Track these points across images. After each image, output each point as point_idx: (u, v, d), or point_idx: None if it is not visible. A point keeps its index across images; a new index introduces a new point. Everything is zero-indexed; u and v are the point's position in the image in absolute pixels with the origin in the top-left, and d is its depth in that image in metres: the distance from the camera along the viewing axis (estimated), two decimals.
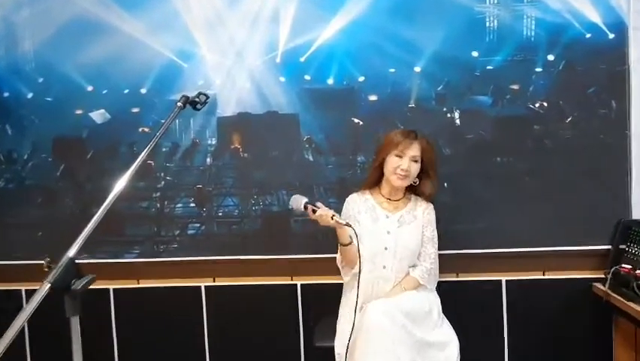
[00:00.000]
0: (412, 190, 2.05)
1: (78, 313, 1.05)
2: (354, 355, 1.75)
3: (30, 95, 2.49)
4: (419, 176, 1.98)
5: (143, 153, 1.35)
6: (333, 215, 1.80)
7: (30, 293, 2.50)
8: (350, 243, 1.86)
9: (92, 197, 2.50)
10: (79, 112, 2.48)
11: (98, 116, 2.48)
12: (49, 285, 0.99)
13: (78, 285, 1.02)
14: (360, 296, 1.84)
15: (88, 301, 2.64)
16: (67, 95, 2.46)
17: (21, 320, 0.97)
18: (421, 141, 1.95)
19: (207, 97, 1.51)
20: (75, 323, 1.04)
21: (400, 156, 1.91)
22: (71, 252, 1.08)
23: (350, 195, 2.06)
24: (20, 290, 2.55)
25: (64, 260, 1.03)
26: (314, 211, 1.81)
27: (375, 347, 1.69)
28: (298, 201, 1.85)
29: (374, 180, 2.00)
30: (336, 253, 2.04)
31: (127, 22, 2.40)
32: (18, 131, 2.52)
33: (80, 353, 1.06)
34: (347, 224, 1.80)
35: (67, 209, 2.52)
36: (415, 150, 1.92)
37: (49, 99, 2.48)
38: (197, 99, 1.46)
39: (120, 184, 1.25)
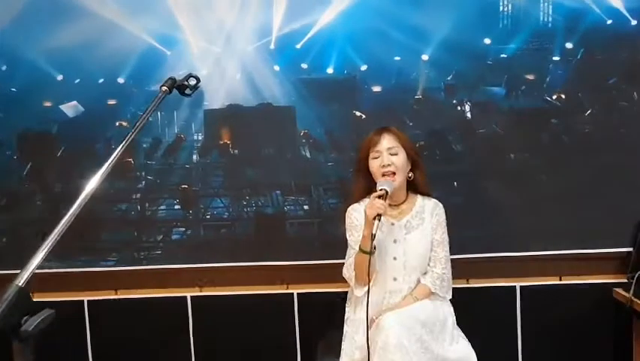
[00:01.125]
0: (414, 189, 1.93)
1: (30, 360, 0.81)
2: None
3: None
4: (412, 170, 1.88)
5: (119, 148, 1.14)
6: (380, 215, 1.69)
7: None
8: (372, 253, 1.72)
9: (62, 200, 2.35)
10: (48, 104, 2.34)
11: (70, 108, 2.34)
12: None
13: (31, 324, 0.78)
14: (369, 311, 1.71)
15: (59, 314, 2.54)
16: (34, 85, 2.32)
17: None
18: (391, 132, 1.86)
19: (198, 80, 1.34)
20: None
21: (378, 156, 1.82)
22: (21, 279, 0.84)
23: (351, 206, 1.92)
24: None
25: (11, 292, 0.79)
26: (380, 197, 1.72)
27: None
28: (387, 186, 1.77)
29: (361, 189, 1.89)
30: (336, 259, 1.95)
31: (102, 3, 2.26)
32: None
33: None
34: (372, 235, 1.69)
35: (35, 213, 2.39)
36: (388, 142, 1.83)
37: (13, 90, 2.33)
38: (186, 83, 1.27)
39: (91, 185, 1.04)
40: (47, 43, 2.27)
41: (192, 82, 1.28)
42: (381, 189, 1.72)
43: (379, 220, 1.66)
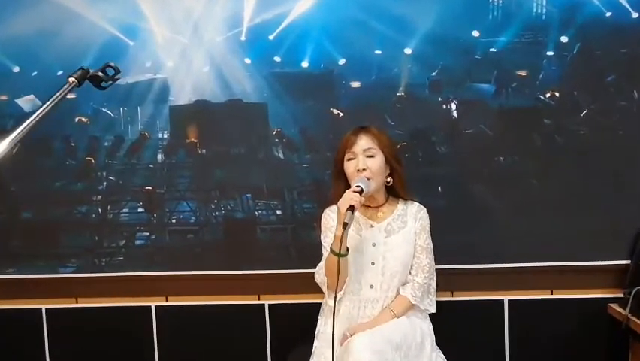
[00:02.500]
0: (393, 194, 1.90)
1: None
2: None
3: None
4: (390, 175, 1.84)
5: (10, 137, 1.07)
6: (353, 209, 1.64)
7: None
8: (345, 255, 1.66)
9: (19, 200, 2.33)
10: (2, 98, 2.29)
11: (26, 102, 2.28)
12: None
13: None
14: (342, 322, 1.71)
15: (15, 323, 2.38)
16: None
17: None
18: (370, 132, 1.82)
19: (117, 71, 1.22)
20: None
21: (353, 158, 1.79)
22: None
23: (328, 208, 1.89)
24: None
25: None
26: (357, 192, 1.69)
27: None
28: (362, 183, 1.74)
29: (340, 192, 1.83)
30: (312, 268, 1.88)
31: None
32: None
33: None
34: (344, 225, 1.62)
35: None
36: (365, 143, 1.78)
37: None
38: (100, 74, 1.13)
39: None
40: (1, 32, 2.21)
41: (110, 72, 1.14)
42: (357, 186, 1.68)
43: (352, 213, 1.61)
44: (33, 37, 2.20)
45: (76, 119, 2.26)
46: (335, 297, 1.64)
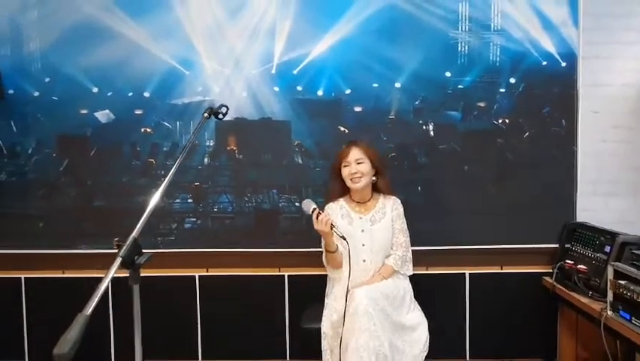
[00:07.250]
0: (377, 191, 2.23)
1: (139, 282, 1.31)
2: (344, 333, 1.95)
3: (36, 94, 2.56)
4: (376, 175, 2.17)
5: (175, 165, 1.56)
6: (333, 225, 1.95)
7: (29, 281, 2.63)
8: (335, 251, 2.02)
9: (93, 191, 2.61)
10: (84, 111, 2.56)
11: (103, 116, 2.56)
12: (120, 259, 1.20)
13: (140, 260, 1.24)
14: (344, 286, 2.07)
15: (86, 288, 2.52)
16: (72, 95, 2.54)
17: (100, 290, 1.16)
18: (360, 145, 2.13)
19: (228, 108, 1.71)
20: (136, 290, 1.28)
21: (347, 165, 2.10)
22: (135, 233, 1.29)
23: (328, 205, 2.22)
24: (20, 278, 2.63)
25: (130, 239, 1.25)
26: (317, 217, 1.96)
27: (360, 326, 1.88)
28: (308, 206, 2.01)
29: (336, 190, 2.15)
30: (320, 248, 2.20)
31: (131, 28, 2.52)
32: (22, 128, 2.58)
33: (139, 317, 1.28)
34: (343, 237, 1.93)
35: (69, 202, 2.60)
36: (356, 154, 2.11)
37: (55, 98, 2.56)
38: (219, 110, 1.65)
39: (154, 200, 1.48)
40: (85, 61, 2.52)
41: (224, 110, 1.65)
42: (313, 209, 1.98)
43: (336, 227, 1.96)
44: (109, 65, 2.50)
45: (142, 130, 2.54)
46: (350, 268, 2.03)
